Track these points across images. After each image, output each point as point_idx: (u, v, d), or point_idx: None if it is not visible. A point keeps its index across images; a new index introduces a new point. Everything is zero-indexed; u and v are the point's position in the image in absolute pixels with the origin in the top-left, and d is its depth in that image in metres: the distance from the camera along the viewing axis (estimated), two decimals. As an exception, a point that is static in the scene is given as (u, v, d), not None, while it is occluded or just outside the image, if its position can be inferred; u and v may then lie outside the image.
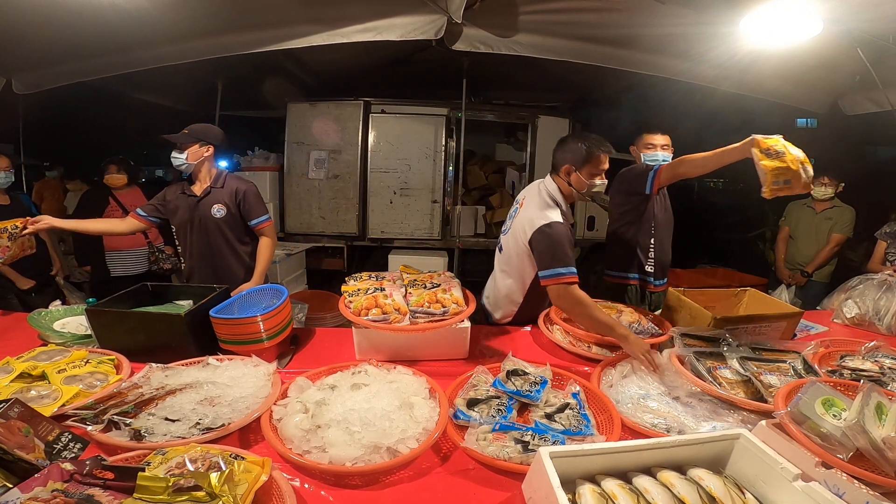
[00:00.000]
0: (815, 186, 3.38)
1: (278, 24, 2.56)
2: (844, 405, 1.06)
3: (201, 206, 2.21)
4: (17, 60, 2.87)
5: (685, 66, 2.99)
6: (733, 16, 2.27)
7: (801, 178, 1.69)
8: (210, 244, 2.23)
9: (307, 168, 4.97)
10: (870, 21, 2.25)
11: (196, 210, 2.20)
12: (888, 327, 1.99)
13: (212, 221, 2.21)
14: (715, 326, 1.65)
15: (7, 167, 2.82)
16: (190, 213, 2.20)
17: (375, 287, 1.63)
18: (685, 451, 0.99)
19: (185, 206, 2.21)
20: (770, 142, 1.71)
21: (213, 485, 0.79)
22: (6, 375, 1.30)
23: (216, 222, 2.21)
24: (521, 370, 1.38)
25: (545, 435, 1.10)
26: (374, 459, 1.02)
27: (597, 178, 1.78)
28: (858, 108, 3.15)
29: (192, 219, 2.21)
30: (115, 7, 2.20)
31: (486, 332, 1.87)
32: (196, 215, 2.20)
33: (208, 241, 2.23)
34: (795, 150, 1.71)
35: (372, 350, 1.56)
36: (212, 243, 2.23)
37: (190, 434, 1.08)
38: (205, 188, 2.22)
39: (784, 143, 1.71)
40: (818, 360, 1.50)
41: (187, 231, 2.24)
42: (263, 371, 1.35)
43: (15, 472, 0.88)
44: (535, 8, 2.50)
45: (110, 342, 1.55)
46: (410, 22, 2.43)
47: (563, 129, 5.29)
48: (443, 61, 3.86)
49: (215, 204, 2.20)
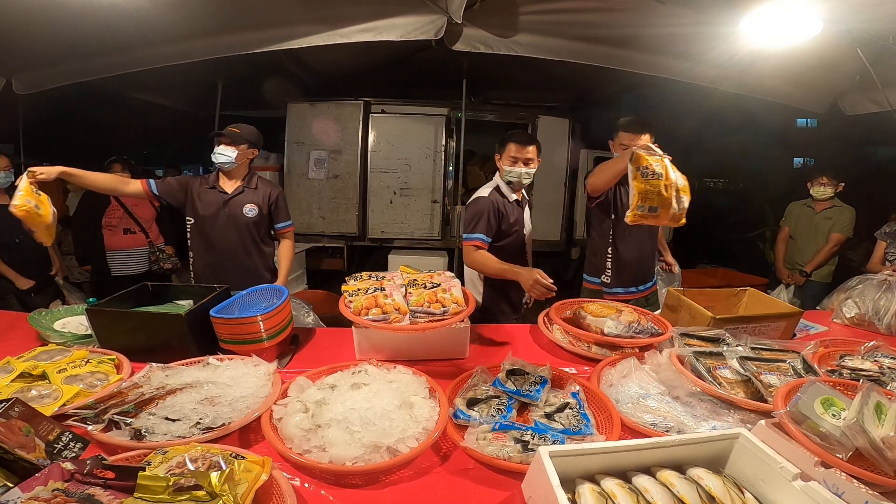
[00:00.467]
0: (813, 186, 3.39)
1: (278, 24, 2.56)
2: (844, 405, 1.06)
3: (232, 204, 2.20)
4: (17, 60, 2.87)
5: (685, 66, 2.99)
6: (733, 16, 2.27)
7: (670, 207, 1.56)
8: (240, 243, 2.24)
9: (307, 168, 4.97)
10: (870, 21, 2.25)
11: (225, 207, 2.20)
12: (888, 327, 1.99)
13: (242, 220, 2.22)
14: (714, 326, 1.65)
15: (7, 167, 2.83)
16: (217, 209, 2.19)
17: (375, 287, 1.63)
18: (684, 450, 0.99)
19: (214, 202, 2.20)
20: (651, 160, 1.56)
21: (213, 484, 0.79)
22: (7, 375, 1.30)
23: (247, 221, 2.23)
24: (521, 370, 1.38)
25: (545, 434, 1.10)
26: (374, 459, 1.02)
27: (515, 166, 2.06)
28: (858, 108, 3.15)
29: (219, 215, 2.20)
30: (115, 7, 2.21)
31: (486, 332, 1.87)
32: (224, 212, 2.20)
33: (238, 239, 2.23)
34: (677, 174, 1.59)
35: (372, 350, 1.56)
36: (241, 242, 2.25)
37: (190, 433, 1.08)
38: (236, 187, 2.22)
39: (668, 164, 1.58)
40: (818, 360, 1.50)
41: (211, 226, 2.21)
42: (263, 371, 1.35)
43: (16, 472, 0.88)
44: (535, 8, 2.50)
45: (111, 342, 1.55)
46: (410, 22, 2.43)
47: (563, 129, 5.29)
48: (443, 61, 3.86)
49: (248, 204, 2.22)
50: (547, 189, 5.37)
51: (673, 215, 1.61)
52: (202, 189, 2.21)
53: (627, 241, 2.27)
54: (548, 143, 5.31)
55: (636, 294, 2.33)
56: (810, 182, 3.42)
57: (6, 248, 2.85)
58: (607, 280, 2.30)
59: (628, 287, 2.32)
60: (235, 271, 2.19)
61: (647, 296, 2.39)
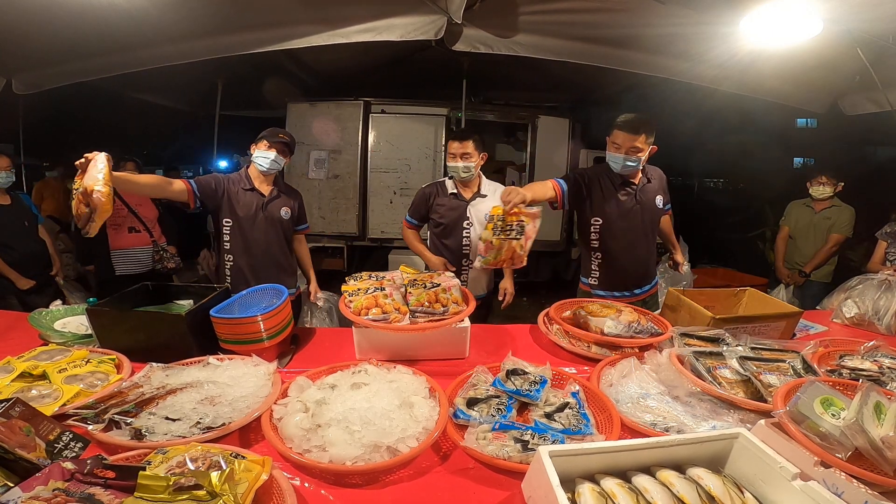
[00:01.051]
0: (812, 186, 3.38)
1: (278, 24, 2.57)
2: (843, 404, 1.06)
3: (270, 206, 2.26)
4: (17, 60, 2.88)
5: (685, 66, 2.99)
6: (733, 16, 2.27)
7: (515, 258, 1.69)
8: (278, 244, 2.32)
9: (307, 168, 4.97)
10: (870, 21, 2.26)
11: (263, 209, 2.24)
12: (887, 327, 1.99)
13: (278, 222, 2.29)
14: (714, 326, 1.65)
15: (7, 167, 2.83)
16: (256, 211, 2.22)
17: (375, 287, 1.63)
18: (684, 450, 0.99)
19: (252, 203, 2.22)
20: (510, 219, 1.66)
21: (213, 484, 0.79)
22: (7, 375, 1.30)
23: (282, 223, 2.31)
24: (521, 369, 1.38)
25: (545, 434, 1.10)
26: (374, 458, 1.02)
27: (454, 161, 2.30)
28: (858, 108, 3.15)
29: (257, 217, 2.23)
30: (115, 7, 2.21)
31: (486, 331, 1.87)
32: (263, 214, 2.24)
33: (276, 240, 2.30)
34: (524, 238, 1.67)
35: (372, 350, 1.56)
36: (279, 243, 2.32)
37: (190, 433, 1.08)
38: (270, 190, 2.28)
39: (521, 225, 1.67)
40: (817, 360, 1.50)
41: (249, 227, 2.22)
42: (264, 370, 1.35)
43: (16, 472, 0.88)
44: (535, 8, 2.50)
45: (111, 342, 1.55)
46: (410, 22, 2.44)
47: (563, 129, 5.29)
48: (443, 61, 3.86)
49: (283, 207, 2.30)
50: (547, 189, 5.36)
51: (516, 260, 1.74)
52: (239, 189, 2.22)
53: (615, 243, 2.15)
54: (548, 143, 5.35)
55: (629, 298, 2.19)
56: (809, 182, 3.41)
57: (6, 248, 2.85)
58: (594, 282, 2.23)
59: (621, 291, 2.21)
60: (273, 271, 2.26)
61: (645, 299, 2.26)
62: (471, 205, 2.39)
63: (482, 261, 1.73)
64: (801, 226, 3.52)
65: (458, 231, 2.40)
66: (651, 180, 2.19)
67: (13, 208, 2.95)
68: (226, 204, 2.18)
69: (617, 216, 2.12)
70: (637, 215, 2.13)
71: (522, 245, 1.71)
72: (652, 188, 2.18)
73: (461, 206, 2.40)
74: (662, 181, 2.26)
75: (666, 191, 2.27)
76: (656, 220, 2.25)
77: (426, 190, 2.46)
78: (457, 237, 2.41)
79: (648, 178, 2.18)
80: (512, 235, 1.68)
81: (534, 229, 1.72)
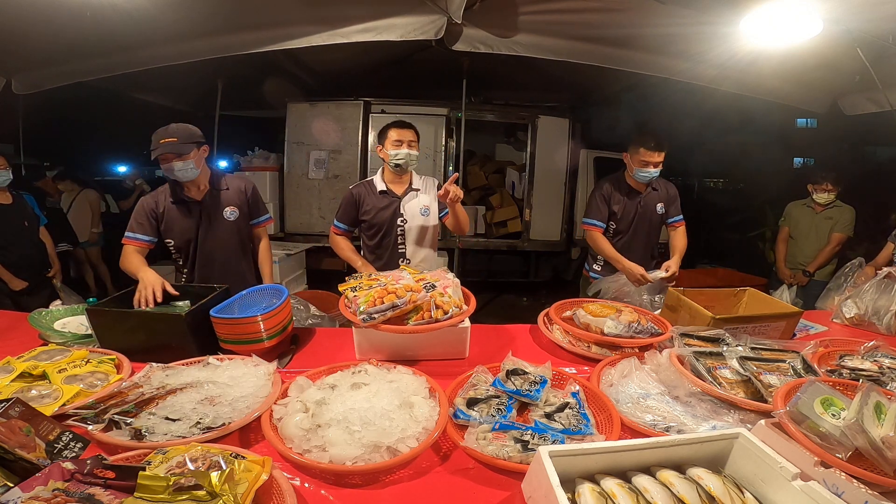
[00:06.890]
0: (816, 192, 3.38)
1: (278, 24, 2.57)
2: (843, 404, 1.06)
3: (209, 210, 2.03)
4: (17, 60, 2.88)
5: (685, 66, 2.99)
6: (733, 16, 2.27)
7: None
8: (226, 249, 2.09)
9: (307, 168, 4.97)
10: (870, 21, 2.26)
11: (202, 217, 2.02)
12: (887, 327, 1.99)
13: (224, 226, 2.06)
14: (714, 326, 1.65)
15: (4, 166, 2.82)
16: (196, 221, 2.02)
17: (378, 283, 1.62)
18: (684, 450, 0.99)
19: (188, 215, 2.01)
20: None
21: (213, 484, 0.79)
22: (7, 375, 1.30)
23: (229, 226, 2.07)
24: (521, 369, 1.37)
25: (545, 434, 1.10)
26: (374, 458, 1.02)
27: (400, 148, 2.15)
28: (858, 108, 3.15)
29: (199, 226, 2.02)
30: (115, 7, 2.21)
31: (486, 332, 1.87)
32: (203, 222, 2.03)
33: (223, 246, 2.08)
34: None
35: (372, 350, 1.56)
36: (227, 248, 2.09)
37: (190, 433, 1.08)
38: (205, 192, 2.03)
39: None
40: (817, 360, 1.50)
41: (194, 240, 2.04)
42: (263, 371, 1.35)
43: (16, 472, 0.88)
44: (535, 8, 2.50)
45: (111, 342, 1.55)
46: (410, 22, 2.44)
47: (563, 129, 5.30)
48: (443, 61, 3.86)
49: (227, 207, 2.06)
50: (547, 189, 5.37)
51: None
52: (167, 205, 1.97)
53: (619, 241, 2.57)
54: (548, 143, 5.35)
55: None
56: (813, 187, 3.40)
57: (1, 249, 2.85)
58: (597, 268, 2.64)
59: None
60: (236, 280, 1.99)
61: None
62: (403, 201, 2.24)
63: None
64: (803, 226, 3.52)
65: (392, 231, 2.23)
66: (656, 189, 2.56)
67: (13, 208, 2.95)
68: (167, 225, 2.00)
69: (622, 218, 2.55)
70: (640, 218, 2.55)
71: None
72: (654, 197, 2.56)
73: (393, 203, 2.22)
74: (670, 193, 2.61)
75: (676, 204, 2.61)
76: (655, 224, 2.62)
77: (354, 191, 2.25)
78: (391, 237, 2.24)
79: (654, 188, 2.55)
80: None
81: None
